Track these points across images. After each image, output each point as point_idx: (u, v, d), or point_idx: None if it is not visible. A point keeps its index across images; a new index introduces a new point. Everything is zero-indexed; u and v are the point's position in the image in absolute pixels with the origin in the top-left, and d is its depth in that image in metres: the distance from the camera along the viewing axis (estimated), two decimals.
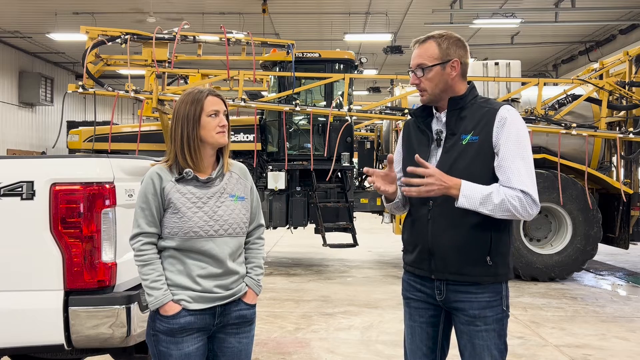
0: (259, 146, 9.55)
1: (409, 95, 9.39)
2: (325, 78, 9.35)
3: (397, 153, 2.59)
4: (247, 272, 2.47)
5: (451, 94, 2.37)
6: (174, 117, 2.37)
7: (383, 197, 2.47)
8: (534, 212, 2.23)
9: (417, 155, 2.23)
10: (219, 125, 2.35)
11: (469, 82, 2.43)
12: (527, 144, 2.29)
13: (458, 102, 2.36)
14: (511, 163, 2.23)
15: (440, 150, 2.36)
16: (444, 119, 2.38)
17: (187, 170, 2.32)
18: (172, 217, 2.31)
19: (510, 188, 2.21)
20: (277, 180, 9.41)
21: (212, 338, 2.40)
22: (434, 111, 2.44)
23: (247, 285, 2.44)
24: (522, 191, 2.20)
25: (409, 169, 2.23)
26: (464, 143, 2.30)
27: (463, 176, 2.24)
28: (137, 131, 9.40)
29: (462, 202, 2.19)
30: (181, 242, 2.30)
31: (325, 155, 9.37)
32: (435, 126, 2.42)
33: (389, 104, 9.70)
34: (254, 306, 2.46)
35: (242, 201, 2.43)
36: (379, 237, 13.62)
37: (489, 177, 2.27)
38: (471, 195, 2.19)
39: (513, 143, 2.25)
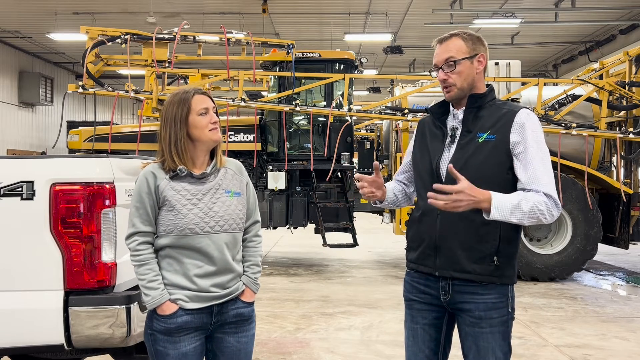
0: (259, 146, 9.54)
1: (409, 95, 9.39)
2: (325, 78, 9.34)
3: (409, 153, 2.62)
4: (244, 271, 2.46)
5: (474, 91, 2.38)
6: (161, 118, 2.39)
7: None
8: (557, 214, 2.23)
9: (450, 165, 2.19)
10: (210, 122, 2.36)
11: (488, 85, 2.45)
12: (546, 147, 2.31)
13: (477, 100, 2.36)
14: (536, 165, 2.24)
15: (454, 147, 2.37)
16: (460, 116, 2.39)
17: (180, 167, 2.33)
18: (167, 214, 2.31)
19: (535, 192, 2.21)
20: (277, 180, 9.40)
21: (211, 338, 2.40)
22: (451, 108, 2.45)
23: (243, 283, 2.44)
24: (545, 194, 2.20)
25: (435, 185, 2.16)
26: (480, 141, 2.30)
27: (477, 173, 2.24)
28: (137, 131, 9.40)
29: (494, 214, 2.16)
30: (176, 240, 2.30)
31: (325, 155, 9.36)
32: (451, 123, 2.43)
33: (389, 104, 9.70)
34: (252, 304, 2.46)
35: (237, 197, 2.43)
36: (379, 237, 13.61)
37: (502, 176, 2.29)
38: (502, 206, 2.16)
39: (535, 146, 2.27)
